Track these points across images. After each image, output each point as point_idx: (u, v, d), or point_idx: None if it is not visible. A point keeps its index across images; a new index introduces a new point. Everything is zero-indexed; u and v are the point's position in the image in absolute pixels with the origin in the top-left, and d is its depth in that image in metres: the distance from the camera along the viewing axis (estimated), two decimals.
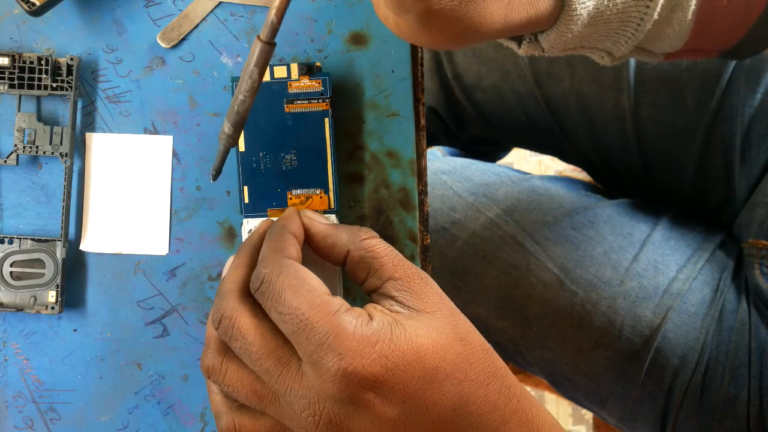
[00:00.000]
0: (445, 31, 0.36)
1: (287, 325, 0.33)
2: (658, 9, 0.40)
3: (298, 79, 0.43)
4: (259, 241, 0.39)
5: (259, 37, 0.35)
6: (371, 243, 0.37)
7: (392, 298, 0.36)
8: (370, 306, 0.35)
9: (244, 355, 0.35)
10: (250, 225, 0.43)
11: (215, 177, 0.40)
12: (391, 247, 0.37)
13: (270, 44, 0.35)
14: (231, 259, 0.39)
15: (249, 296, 0.36)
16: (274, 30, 0.35)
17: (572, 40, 0.41)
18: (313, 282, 0.34)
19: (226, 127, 0.38)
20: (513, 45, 0.43)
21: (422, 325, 0.34)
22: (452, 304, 0.37)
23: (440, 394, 0.33)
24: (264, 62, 0.36)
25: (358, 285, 0.38)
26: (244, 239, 0.41)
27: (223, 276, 0.39)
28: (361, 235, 0.37)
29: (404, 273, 0.36)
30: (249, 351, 0.34)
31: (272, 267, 0.35)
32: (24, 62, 0.44)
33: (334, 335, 0.32)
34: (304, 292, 0.34)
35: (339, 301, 0.34)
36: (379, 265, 0.36)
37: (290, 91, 0.43)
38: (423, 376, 0.33)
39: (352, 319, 0.33)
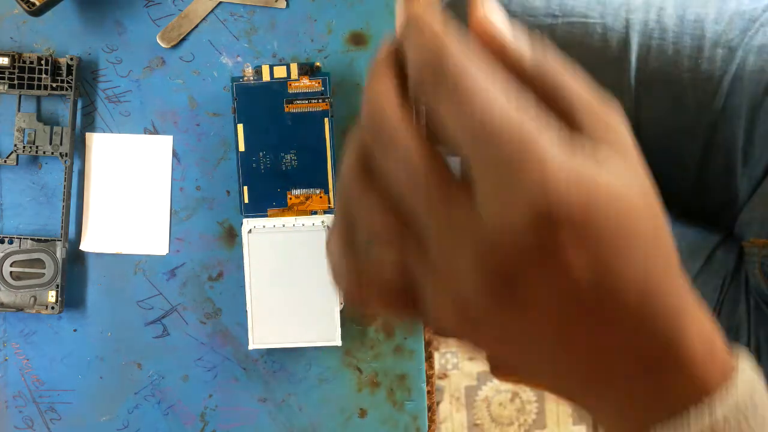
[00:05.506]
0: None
1: (466, 132, 0.22)
2: None
3: (297, 79, 0.43)
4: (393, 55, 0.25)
5: None
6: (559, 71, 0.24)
7: (584, 132, 0.24)
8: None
9: (399, 168, 0.23)
10: (250, 225, 0.43)
11: None
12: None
13: None
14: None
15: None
16: None
17: None
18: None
19: None
20: None
21: (626, 174, 0.25)
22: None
23: (628, 266, 0.22)
24: None
25: None
26: (244, 239, 0.41)
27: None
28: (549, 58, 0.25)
29: (595, 109, 0.26)
30: (409, 157, 0.23)
31: (449, 50, 0.22)
32: (24, 62, 0.44)
33: (538, 159, 0.22)
34: (492, 85, 0.22)
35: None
36: (568, 95, 0.24)
37: (290, 90, 0.43)
38: (618, 234, 0.20)
39: (555, 142, 0.22)
